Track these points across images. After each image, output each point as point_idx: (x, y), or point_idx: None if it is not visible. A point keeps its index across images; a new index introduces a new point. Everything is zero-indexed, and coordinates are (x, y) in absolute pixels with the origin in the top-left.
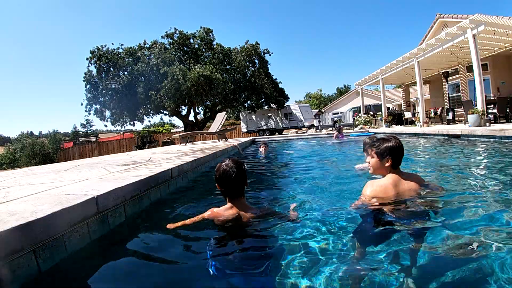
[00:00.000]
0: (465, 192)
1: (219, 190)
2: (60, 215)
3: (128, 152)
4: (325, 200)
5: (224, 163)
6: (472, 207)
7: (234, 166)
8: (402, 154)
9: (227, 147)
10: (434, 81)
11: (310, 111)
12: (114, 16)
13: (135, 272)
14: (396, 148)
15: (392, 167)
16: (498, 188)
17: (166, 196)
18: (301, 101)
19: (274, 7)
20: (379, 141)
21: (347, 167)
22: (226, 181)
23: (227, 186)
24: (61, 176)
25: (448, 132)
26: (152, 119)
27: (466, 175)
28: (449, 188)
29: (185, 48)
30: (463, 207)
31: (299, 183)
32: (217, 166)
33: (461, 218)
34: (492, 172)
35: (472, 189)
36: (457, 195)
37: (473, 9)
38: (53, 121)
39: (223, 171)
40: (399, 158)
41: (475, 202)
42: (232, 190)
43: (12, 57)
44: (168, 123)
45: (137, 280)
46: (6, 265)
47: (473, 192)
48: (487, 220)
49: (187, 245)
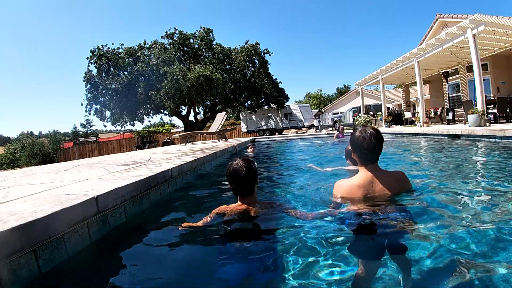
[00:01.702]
0: (455, 190)
1: (230, 189)
2: (60, 215)
3: (128, 152)
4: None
5: (234, 162)
6: (467, 206)
7: (244, 165)
8: (371, 148)
9: (227, 147)
10: (434, 81)
11: (310, 111)
12: (114, 16)
13: (135, 272)
14: (358, 141)
15: (362, 163)
16: (496, 188)
17: (167, 196)
18: (301, 101)
19: (274, 7)
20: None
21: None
22: (236, 179)
23: (237, 184)
24: (61, 176)
25: (448, 132)
26: (152, 119)
27: (465, 175)
28: (443, 189)
29: (185, 48)
30: (454, 208)
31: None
32: (228, 165)
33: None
34: (492, 172)
35: (467, 188)
36: (448, 195)
37: (473, 9)
38: (53, 121)
39: (233, 169)
40: (367, 153)
41: (470, 200)
42: (241, 187)
43: (12, 57)
44: (168, 123)
45: (137, 280)
46: (6, 265)
47: (468, 190)
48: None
49: (188, 245)
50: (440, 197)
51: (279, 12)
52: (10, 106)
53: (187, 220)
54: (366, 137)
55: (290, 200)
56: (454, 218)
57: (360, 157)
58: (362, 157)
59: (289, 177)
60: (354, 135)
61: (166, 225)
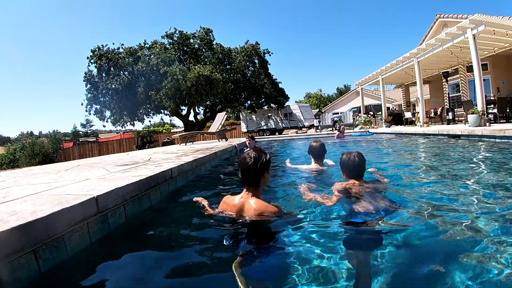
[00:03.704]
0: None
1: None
2: (60, 215)
3: (128, 152)
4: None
5: (247, 150)
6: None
7: (253, 156)
8: (354, 168)
9: (227, 147)
10: (434, 81)
11: (310, 111)
12: (114, 16)
13: (135, 272)
14: (344, 161)
15: (348, 177)
16: (494, 188)
17: (167, 196)
18: (301, 101)
19: (274, 7)
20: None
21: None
22: (242, 168)
23: (242, 173)
24: (61, 176)
25: (448, 132)
26: (152, 119)
27: (463, 175)
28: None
29: (185, 48)
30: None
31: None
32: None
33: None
34: (491, 172)
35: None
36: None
37: (473, 9)
38: (53, 121)
39: (242, 158)
40: (351, 171)
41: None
42: (246, 177)
43: (12, 57)
44: (168, 123)
45: (137, 281)
46: (6, 265)
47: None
48: None
49: (187, 244)
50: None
51: (279, 12)
52: (10, 106)
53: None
54: (352, 159)
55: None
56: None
57: (346, 173)
58: (347, 173)
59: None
60: (342, 156)
61: (166, 225)
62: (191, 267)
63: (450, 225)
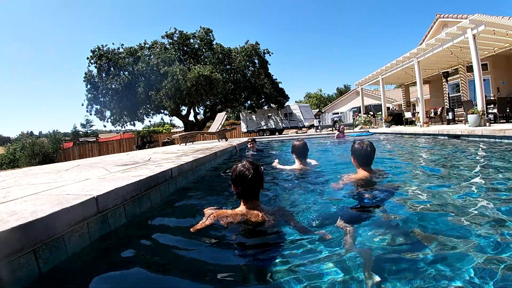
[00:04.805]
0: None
1: (235, 192)
2: (60, 215)
3: (128, 152)
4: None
5: (240, 164)
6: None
7: (251, 167)
8: (365, 156)
9: (227, 147)
10: (434, 81)
11: (310, 111)
12: (114, 16)
13: (135, 272)
14: (357, 150)
15: (359, 165)
16: (494, 188)
17: (167, 195)
18: (301, 101)
19: (274, 7)
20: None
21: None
22: (242, 182)
23: (243, 187)
24: (61, 176)
25: (448, 132)
26: (152, 119)
27: (463, 174)
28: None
29: (185, 48)
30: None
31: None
32: (233, 167)
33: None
34: (491, 172)
35: (464, 186)
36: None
37: (473, 9)
38: (53, 121)
39: (240, 172)
40: (363, 159)
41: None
42: (247, 191)
43: (12, 56)
44: (168, 123)
45: (137, 281)
46: (6, 265)
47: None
48: None
49: (186, 246)
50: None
51: (279, 12)
52: (10, 106)
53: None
54: (365, 147)
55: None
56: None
57: (356, 161)
58: (358, 160)
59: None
60: (354, 145)
61: (166, 225)
62: (192, 269)
63: (450, 223)
